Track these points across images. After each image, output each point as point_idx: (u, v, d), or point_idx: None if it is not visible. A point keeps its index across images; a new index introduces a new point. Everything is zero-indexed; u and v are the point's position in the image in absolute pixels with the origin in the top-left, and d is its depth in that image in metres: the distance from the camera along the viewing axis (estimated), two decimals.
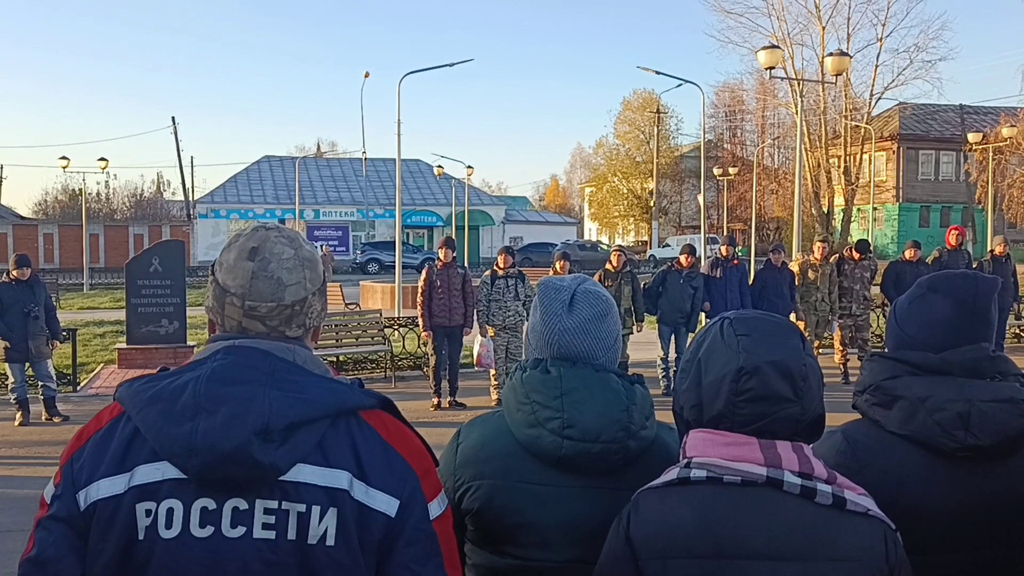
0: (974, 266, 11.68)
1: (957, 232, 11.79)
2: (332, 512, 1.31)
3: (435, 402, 9.93)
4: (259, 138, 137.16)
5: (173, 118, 49.57)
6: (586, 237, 63.15)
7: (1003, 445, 1.63)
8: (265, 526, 1.31)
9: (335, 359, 12.28)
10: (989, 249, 12.04)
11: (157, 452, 1.31)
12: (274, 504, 1.31)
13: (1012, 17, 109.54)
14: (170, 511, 1.30)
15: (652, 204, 54.87)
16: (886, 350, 1.81)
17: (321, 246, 35.04)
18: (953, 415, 1.61)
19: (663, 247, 48.10)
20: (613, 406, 1.61)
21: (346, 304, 20.17)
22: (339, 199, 50.71)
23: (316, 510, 1.31)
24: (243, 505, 1.31)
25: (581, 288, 1.72)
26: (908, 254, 11.29)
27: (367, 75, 41.72)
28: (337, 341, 12.23)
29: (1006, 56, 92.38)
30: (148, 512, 1.31)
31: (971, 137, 32.12)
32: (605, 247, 45.18)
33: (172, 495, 1.31)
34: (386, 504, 1.35)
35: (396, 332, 12.79)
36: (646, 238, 56.57)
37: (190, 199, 50.79)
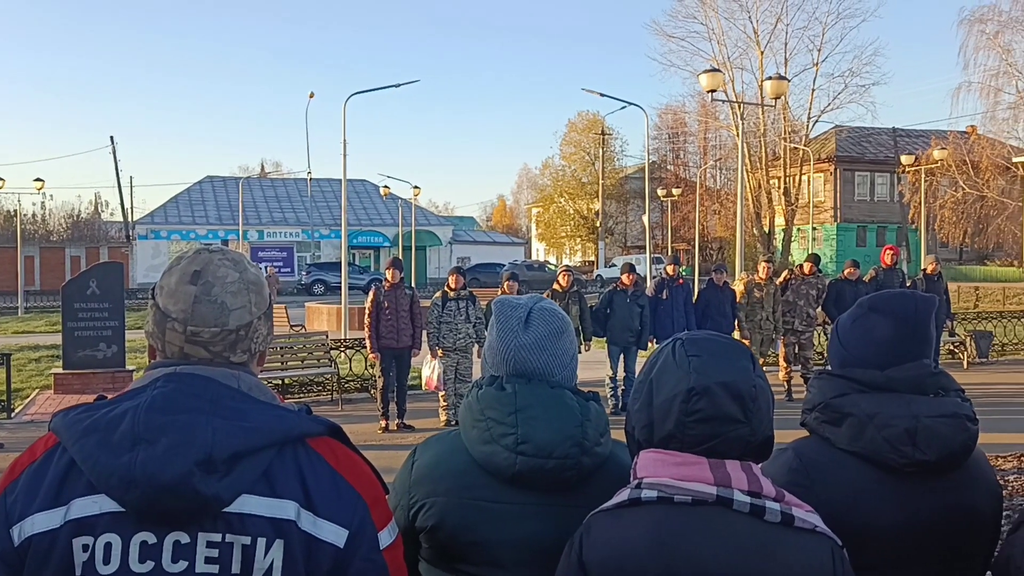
0: (908, 284, 12.01)
1: (892, 252, 12.12)
2: (278, 544, 1.27)
3: (383, 425, 9.82)
4: (201, 158, 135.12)
5: (112, 138, 48.59)
6: (534, 257, 63.45)
7: (948, 460, 1.66)
8: (208, 560, 1.26)
9: (280, 382, 12.06)
10: (922, 268, 12.41)
11: (94, 485, 1.25)
12: (217, 537, 1.26)
13: (941, 44, 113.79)
14: (108, 546, 1.25)
15: (598, 224, 55.43)
16: (830, 368, 1.84)
17: (266, 267, 34.51)
18: (901, 431, 1.64)
19: (610, 267, 48.53)
20: (567, 422, 1.62)
21: (291, 326, 19.88)
22: (284, 220, 50.13)
23: (262, 542, 1.27)
24: (185, 539, 1.26)
25: (537, 306, 1.74)
26: (847, 273, 11.56)
27: (312, 95, 41.51)
28: (282, 364, 12.03)
29: (936, 81, 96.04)
30: (85, 547, 1.25)
31: (904, 159, 33.17)
32: (552, 267, 45.44)
33: (110, 529, 1.25)
34: (334, 535, 1.31)
35: (343, 354, 12.63)
36: (593, 258, 57.08)
37: (129, 220, 49.65)
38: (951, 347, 14.69)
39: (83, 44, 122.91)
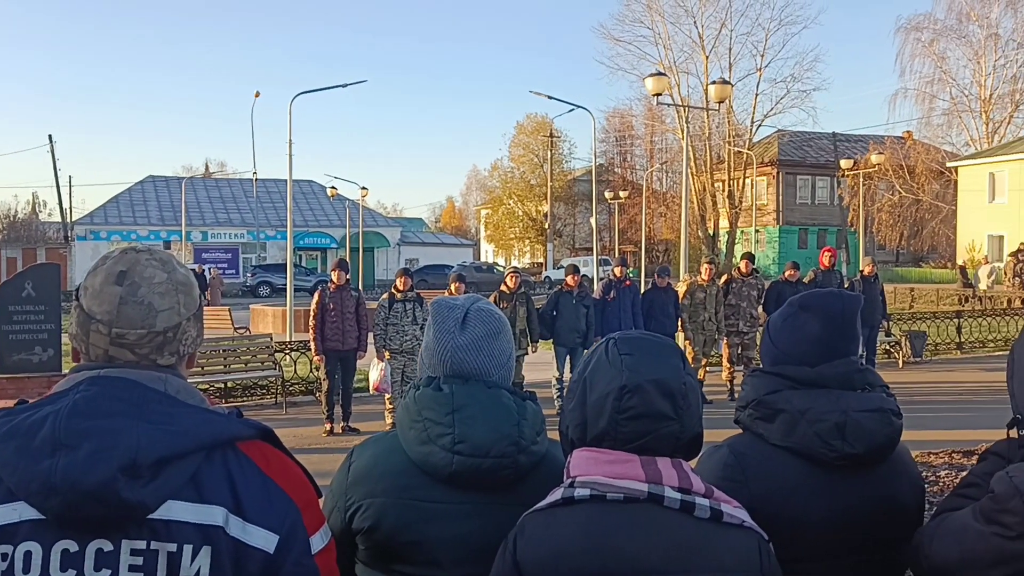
0: (846, 285, 12.31)
1: (830, 254, 12.42)
2: (206, 551, 1.25)
3: (328, 428, 9.72)
4: (143, 158, 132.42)
5: (50, 136, 47.07)
6: (482, 259, 63.44)
7: (875, 453, 1.71)
8: (132, 568, 1.23)
9: (223, 385, 11.88)
10: (860, 269, 12.73)
11: (13, 491, 1.22)
12: (142, 544, 1.23)
13: (879, 52, 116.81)
14: (28, 555, 1.21)
15: (547, 226, 55.67)
16: (762, 366, 1.88)
17: (210, 269, 33.88)
18: (831, 426, 1.68)
19: (558, 268, 48.77)
20: (504, 421, 1.63)
21: (235, 328, 19.54)
22: (228, 220, 49.32)
23: (188, 549, 1.24)
24: (108, 546, 1.23)
25: (474, 307, 1.75)
26: (788, 274, 11.81)
27: (257, 95, 41.04)
28: (226, 367, 11.83)
29: (874, 88, 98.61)
30: (4, 556, 1.21)
31: (843, 163, 34.00)
32: (501, 269, 45.46)
33: (30, 537, 1.21)
34: (264, 540, 1.29)
35: (287, 357, 12.48)
36: (541, 260, 57.31)
37: (68, 220, 48.31)
38: (887, 347, 15.09)
39: (18, 39, 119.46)
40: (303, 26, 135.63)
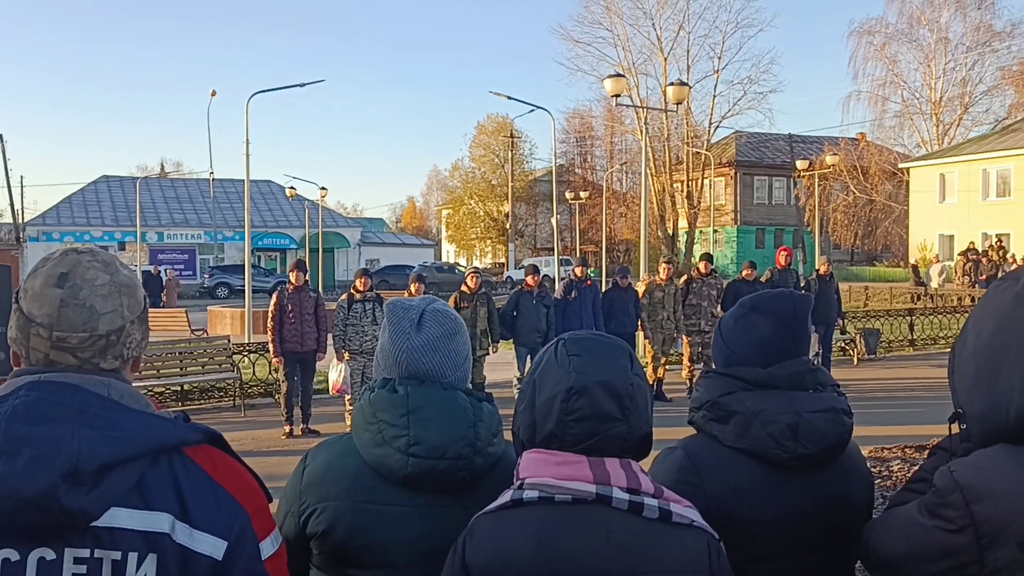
0: (802, 284, 12.50)
1: (786, 253, 12.60)
2: (151, 558, 1.22)
3: (287, 430, 9.63)
4: (97, 158, 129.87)
5: (0, 136, 45.99)
6: (444, 259, 63.30)
7: (826, 452, 1.73)
8: None
9: (180, 388, 11.70)
10: (816, 268, 12.94)
11: None
12: (85, 553, 1.20)
13: (832, 55, 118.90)
14: None
15: (508, 227, 55.72)
16: (715, 367, 1.89)
17: (166, 270, 33.37)
18: (784, 427, 1.70)
19: (520, 269, 48.85)
20: (459, 423, 1.62)
21: (192, 330, 19.26)
22: (185, 221, 48.59)
23: (133, 557, 1.22)
24: (50, 555, 1.20)
25: (430, 308, 1.74)
26: (745, 273, 11.96)
27: (214, 93, 40.41)
28: (182, 369, 11.66)
29: (829, 90, 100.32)
30: None
31: (799, 164, 34.51)
32: (462, 269, 45.39)
33: None
34: (212, 546, 1.27)
35: (246, 359, 12.33)
36: (503, 260, 57.34)
37: (19, 221, 47.11)
38: (842, 344, 15.34)
39: None
40: (260, 26, 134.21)
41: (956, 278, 29.23)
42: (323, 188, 39.37)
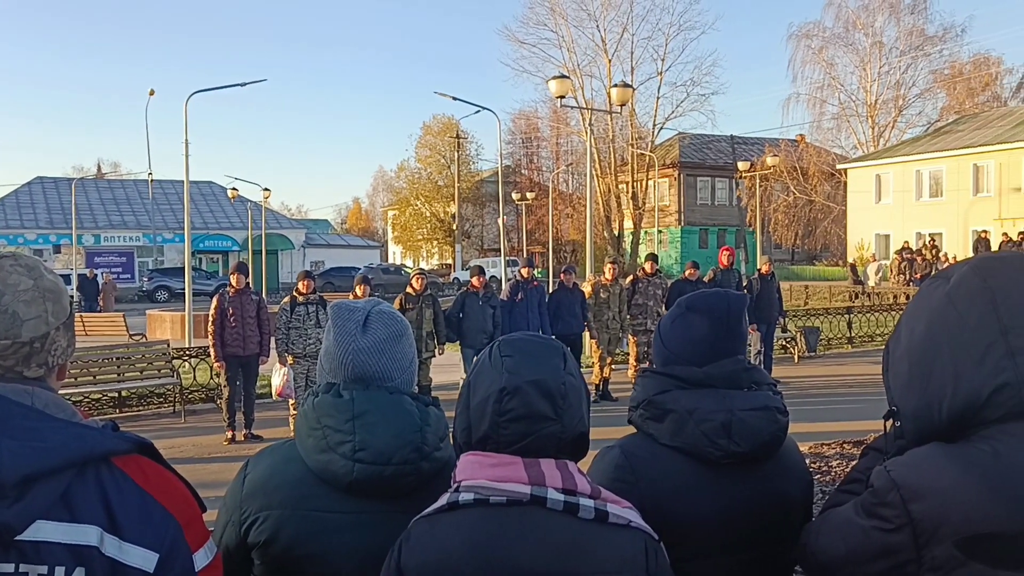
0: (744, 284, 12.73)
1: (728, 253, 12.81)
2: (79, 572, 1.19)
3: (229, 435, 9.46)
4: (32, 159, 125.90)
5: None
6: (390, 260, 62.91)
7: (760, 450, 1.75)
8: None
9: (117, 394, 11.41)
10: (758, 268, 13.17)
11: None
12: (10, 568, 1.16)
13: (773, 58, 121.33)
14: None
15: (455, 227, 55.60)
16: (653, 366, 1.90)
17: (102, 273, 32.50)
18: (717, 425, 1.72)
19: (467, 270, 48.78)
20: (406, 428, 1.60)
21: (131, 335, 18.82)
22: (123, 223, 47.45)
23: (60, 571, 1.18)
24: None
25: (375, 310, 1.72)
26: (688, 273, 12.12)
27: (152, 93, 39.33)
28: (119, 375, 11.38)
29: (769, 92, 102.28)
30: None
31: (741, 165, 35.19)
32: (409, 270, 45.15)
33: None
34: (143, 559, 1.23)
35: (186, 363, 12.08)
36: (450, 261, 57.19)
37: None
38: (783, 342, 15.65)
39: None
40: (200, 25, 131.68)
41: (892, 277, 30.08)
42: (266, 189, 38.76)
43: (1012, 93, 50.24)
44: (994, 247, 27.47)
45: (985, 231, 30.22)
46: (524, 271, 11.37)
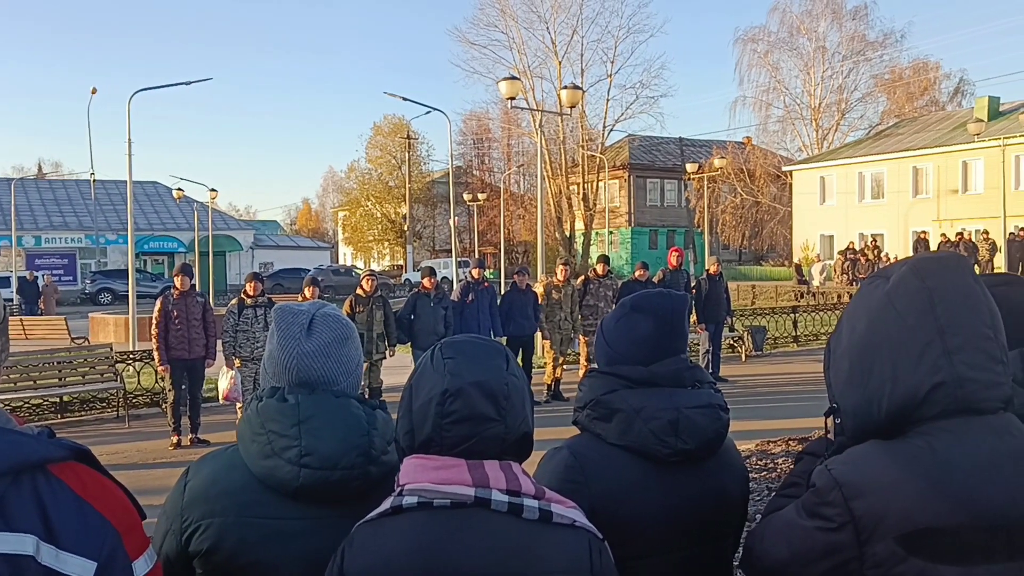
0: (692, 284, 12.91)
1: (677, 254, 12.98)
2: None
3: (175, 440, 9.28)
4: None
5: None
6: (340, 261, 62.30)
7: (705, 447, 1.78)
8: None
9: (59, 399, 11.12)
10: (706, 268, 13.36)
11: None
12: None
13: (720, 61, 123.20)
14: None
15: (406, 228, 55.32)
16: (597, 366, 1.92)
17: (43, 275, 31.62)
18: (665, 423, 1.74)
19: (418, 271, 48.52)
20: (353, 432, 1.59)
21: (73, 339, 18.35)
22: (64, 224, 46.23)
23: None
24: None
25: (320, 313, 1.70)
26: (638, 274, 12.25)
27: (94, 91, 38.51)
28: (60, 380, 11.09)
29: (717, 95, 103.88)
30: None
31: (689, 167, 35.66)
32: (359, 271, 44.79)
33: None
34: (80, 568, 1.20)
35: (130, 367, 11.83)
36: (401, 262, 56.87)
37: None
38: (731, 341, 15.89)
39: None
40: (143, 21, 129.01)
41: (836, 276, 30.78)
42: (213, 190, 38.07)
43: (949, 97, 51.77)
44: (933, 248, 28.25)
45: (924, 232, 31.02)
46: (475, 272, 11.37)
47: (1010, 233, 26.25)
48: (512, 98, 16.32)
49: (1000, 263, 26.23)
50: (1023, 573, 1.23)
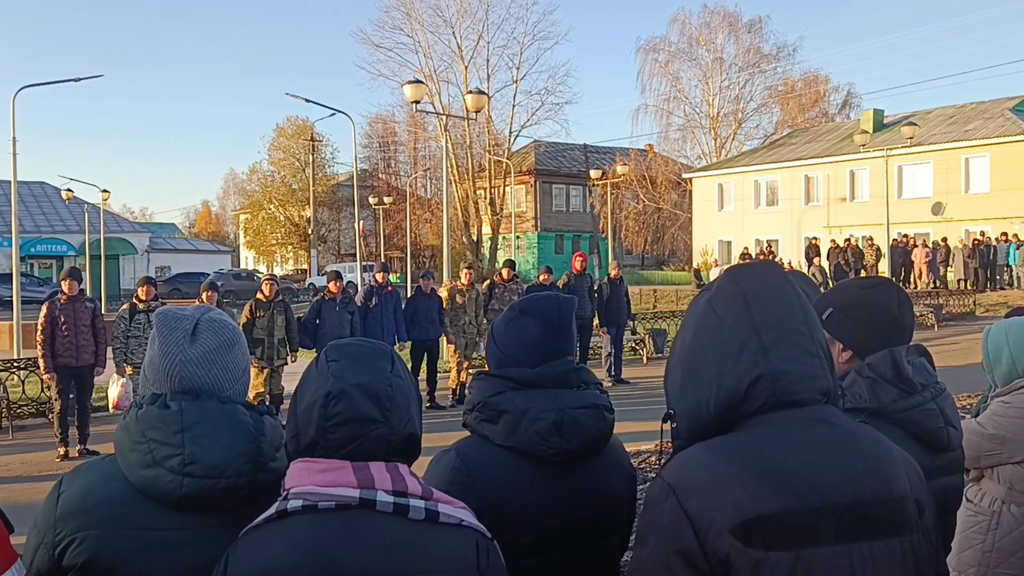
0: (596, 288, 13.14)
1: (581, 259, 13.21)
2: None
3: (62, 452, 8.89)
4: None
5: None
6: (242, 265, 60.69)
7: (589, 447, 1.83)
8: None
9: None
10: (608, 272, 13.63)
11: None
12: None
13: (623, 70, 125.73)
14: None
15: (310, 232, 54.32)
16: (488, 369, 1.95)
17: None
18: (549, 423, 1.78)
19: (323, 275, 47.73)
20: (240, 439, 1.56)
21: None
22: None
23: None
24: None
25: (205, 317, 1.65)
26: (542, 279, 12.40)
27: None
28: None
29: (620, 102, 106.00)
30: None
31: (593, 173, 36.21)
32: (261, 275, 43.74)
33: None
34: None
35: (14, 376, 11.24)
36: (305, 266, 55.78)
37: None
38: (633, 344, 16.22)
39: None
40: (28, 16, 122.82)
41: None
42: (105, 191, 36.56)
43: (838, 109, 54.22)
44: (823, 253, 29.50)
45: (816, 238, 32.35)
46: (379, 276, 11.30)
47: (893, 240, 27.71)
48: (417, 102, 16.28)
49: (884, 268, 27.63)
50: (851, 555, 1.29)
